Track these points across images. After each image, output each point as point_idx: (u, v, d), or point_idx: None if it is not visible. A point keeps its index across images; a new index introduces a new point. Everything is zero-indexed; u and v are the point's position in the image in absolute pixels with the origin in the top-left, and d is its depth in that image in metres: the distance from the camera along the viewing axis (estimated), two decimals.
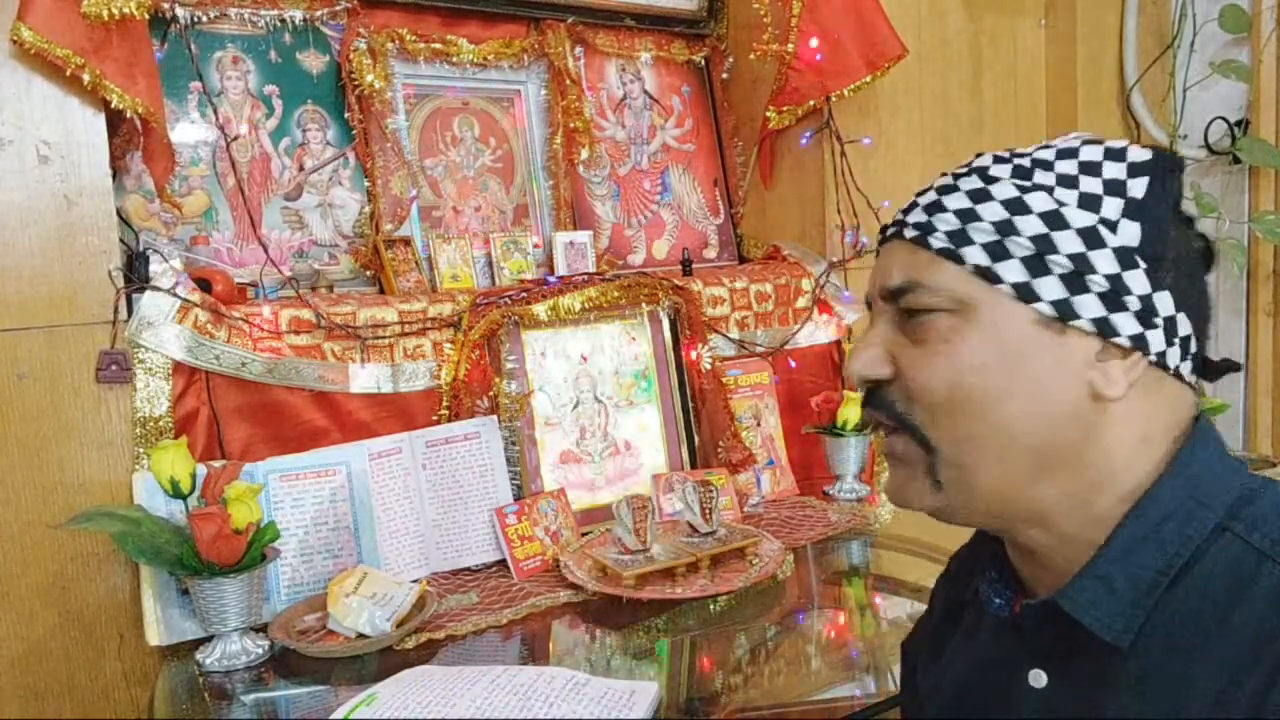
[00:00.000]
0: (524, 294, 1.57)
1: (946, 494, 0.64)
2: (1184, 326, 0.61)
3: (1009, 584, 0.69)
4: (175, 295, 1.30)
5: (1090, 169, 0.61)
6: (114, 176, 1.31)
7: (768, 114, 1.95)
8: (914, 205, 0.66)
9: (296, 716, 1.10)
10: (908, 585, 1.37)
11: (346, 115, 1.65)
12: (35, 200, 1.23)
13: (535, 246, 1.83)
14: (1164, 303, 0.60)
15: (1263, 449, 2.29)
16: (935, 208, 0.64)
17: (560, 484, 1.55)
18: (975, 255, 0.61)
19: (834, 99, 1.88)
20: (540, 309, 1.57)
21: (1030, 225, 0.60)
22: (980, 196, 0.62)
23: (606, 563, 1.34)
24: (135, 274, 1.31)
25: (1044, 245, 0.60)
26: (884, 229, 0.69)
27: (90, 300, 1.26)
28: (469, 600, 1.31)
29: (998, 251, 0.60)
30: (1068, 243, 0.59)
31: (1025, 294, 0.60)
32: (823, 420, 1.77)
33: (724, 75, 2.13)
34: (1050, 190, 0.61)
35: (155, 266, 1.31)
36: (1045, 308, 0.60)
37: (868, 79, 1.87)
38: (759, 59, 1.93)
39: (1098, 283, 0.59)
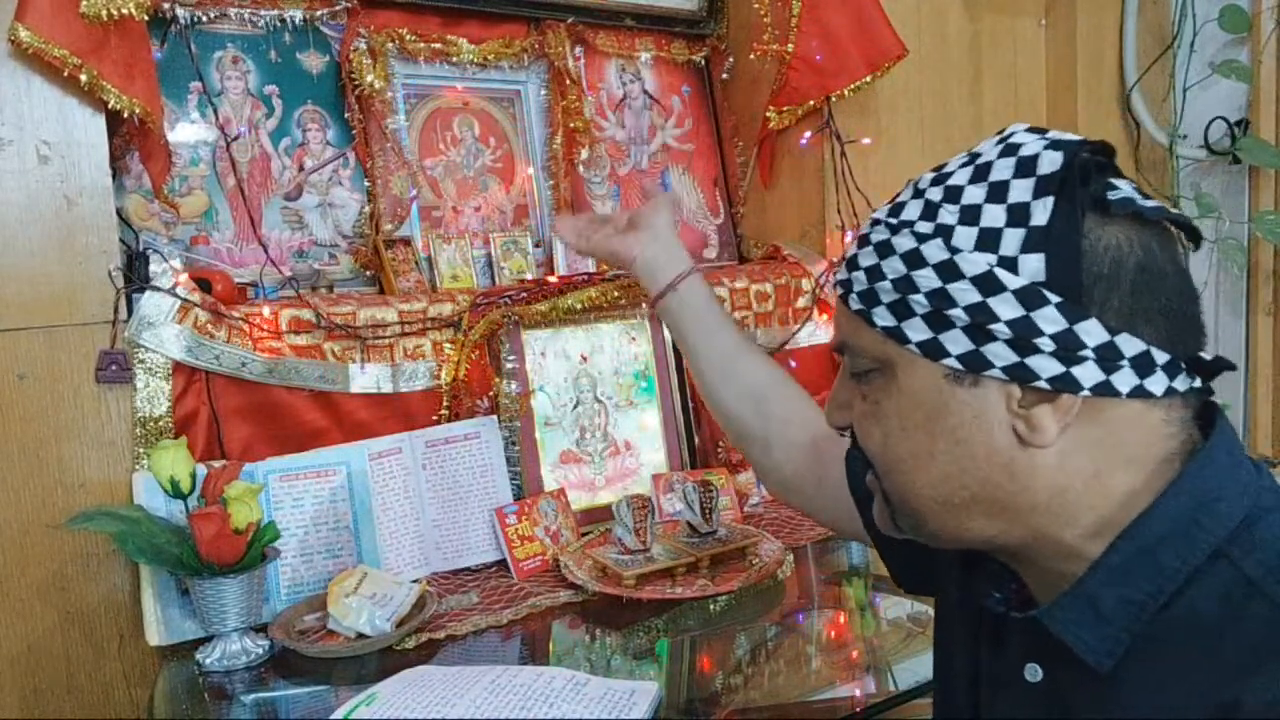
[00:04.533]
0: (524, 294, 1.57)
1: (909, 534, 0.66)
2: (1131, 346, 0.55)
3: (1007, 578, 0.68)
4: (175, 295, 1.30)
5: (997, 193, 0.57)
6: (114, 176, 1.31)
7: (768, 114, 1.95)
8: (844, 257, 0.66)
9: (296, 716, 1.10)
10: None
11: (346, 115, 1.65)
12: (35, 200, 1.23)
13: (535, 246, 1.83)
14: (1091, 331, 0.55)
15: (1263, 449, 2.29)
16: (853, 264, 0.63)
17: (560, 484, 1.55)
18: (882, 316, 0.60)
19: (834, 99, 1.88)
20: (540, 309, 1.57)
21: (926, 280, 0.58)
22: (885, 251, 0.60)
23: (606, 563, 1.34)
24: (135, 274, 1.31)
25: (941, 300, 0.57)
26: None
27: (90, 300, 1.26)
28: (469, 600, 1.31)
29: (901, 311, 0.59)
30: (964, 294, 0.56)
31: (930, 351, 0.59)
32: None
33: (724, 75, 2.13)
34: (949, 235, 0.57)
35: (155, 266, 1.31)
36: (952, 363, 0.58)
37: (868, 79, 1.86)
38: (759, 59, 1.93)
39: (1001, 330, 0.55)
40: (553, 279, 1.64)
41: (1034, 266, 0.55)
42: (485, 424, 1.49)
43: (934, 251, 0.58)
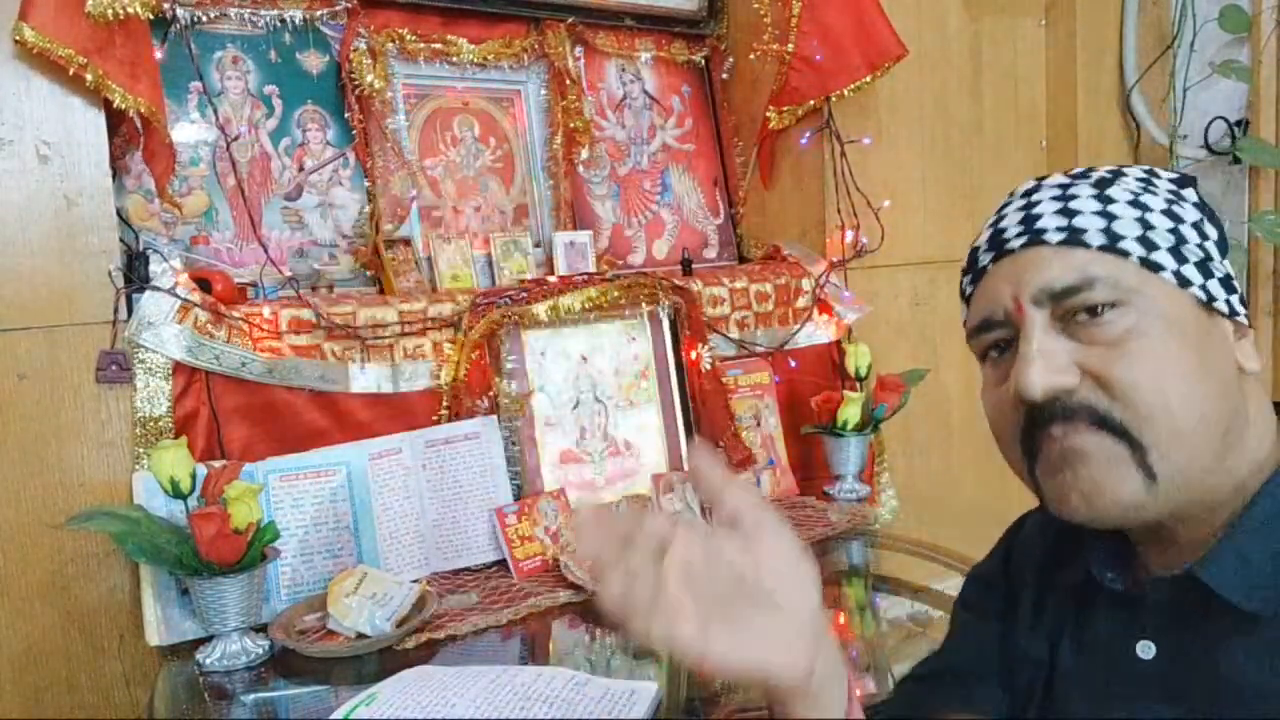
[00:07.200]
0: (524, 294, 1.57)
1: (1159, 485, 0.62)
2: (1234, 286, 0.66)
3: (1120, 558, 0.70)
4: (175, 295, 1.30)
5: (1152, 178, 0.67)
6: (114, 176, 1.31)
7: (768, 114, 1.95)
8: (1033, 215, 0.67)
9: (296, 716, 1.10)
10: (908, 585, 1.37)
11: (346, 115, 1.65)
12: (35, 200, 1.23)
13: (535, 246, 1.83)
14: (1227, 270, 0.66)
15: None
16: (1071, 211, 0.65)
17: (560, 484, 1.55)
18: (1135, 247, 0.63)
19: (834, 99, 1.88)
20: (540, 309, 1.56)
21: (1160, 220, 0.64)
22: (1105, 199, 0.65)
23: None
24: (135, 274, 1.31)
25: (1178, 236, 0.63)
26: (995, 244, 0.69)
27: (90, 300, 1.26)
28: (469, 600, 1.31)
29: (1150, 242, 0.63)
30: (1190, 233, 0.64)
31: (1182, 280, 0.63)
32: (823, 420, 1.77)
33: (724, 75, 2.13)
34: (1150, 188, 0.66)
35: (155, 266, 1.31)
36: (1199, 292, 0.63)
37: (868, 79, 1.86)
38: (759, 59, 1.93)
39: (1218, 268, 0.64)
40: (553, 279, 1.64)
41: (1214, 228, 0.67)
42: (485, 424, 1.49)
43: (1155, 200, 0.65)
